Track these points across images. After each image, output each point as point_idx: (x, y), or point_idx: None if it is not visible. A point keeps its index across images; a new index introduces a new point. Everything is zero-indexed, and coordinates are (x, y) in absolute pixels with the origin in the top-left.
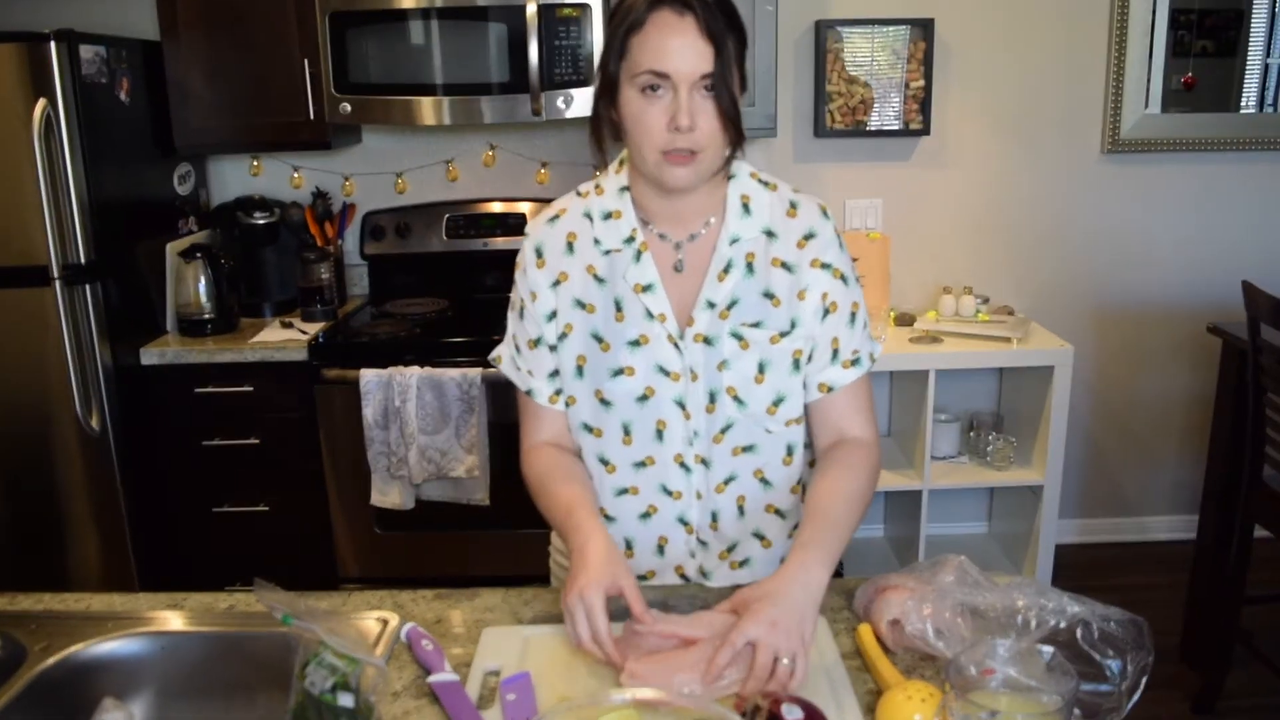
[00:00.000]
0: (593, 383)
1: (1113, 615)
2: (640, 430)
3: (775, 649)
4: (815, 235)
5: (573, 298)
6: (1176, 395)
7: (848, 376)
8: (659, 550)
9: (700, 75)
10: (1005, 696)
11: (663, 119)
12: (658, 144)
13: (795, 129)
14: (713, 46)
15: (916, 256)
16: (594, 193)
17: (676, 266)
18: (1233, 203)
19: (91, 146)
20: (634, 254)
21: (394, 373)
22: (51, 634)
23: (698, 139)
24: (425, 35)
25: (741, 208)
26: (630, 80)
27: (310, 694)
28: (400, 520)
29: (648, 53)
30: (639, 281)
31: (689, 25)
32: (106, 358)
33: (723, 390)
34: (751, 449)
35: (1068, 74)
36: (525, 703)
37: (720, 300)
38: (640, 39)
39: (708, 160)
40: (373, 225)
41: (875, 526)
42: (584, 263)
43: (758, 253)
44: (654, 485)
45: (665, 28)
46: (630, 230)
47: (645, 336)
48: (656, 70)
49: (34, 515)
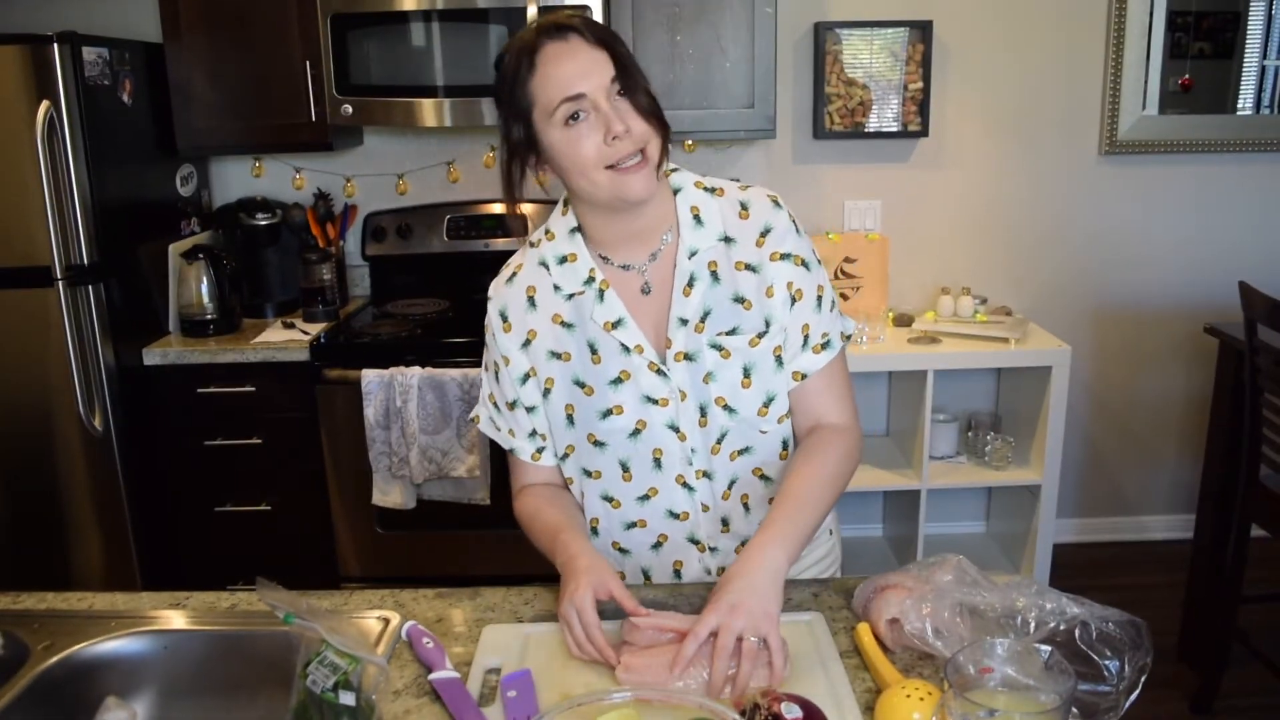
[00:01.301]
0: (584, 428)
1: (1111, 616)
2: (638, 464)
3: (737, 630)
4: (771, 229)
5: (546, 351)
6: (1174, 395)
7: (820, 361)
8: (676, 575)
9: (610, 80)
10: (1003, 695)
11: (596, 137)
12: (600, 161)
13: (794, 130)
14: (606, 52)
15: (915, 257)
16: (545, 239)
17: (644, 289)
18: (1230, 204)
19: (94, 148)
20: (597, 294)
21: (395, 373)
22: (54, 633)
23: (636, 139)
24: (426, 37)
25: (693, 220)
26: (549, 123)
27: (312, 692)
28: (401, 520)
29: (553, 86)
30: (607, 319)
31: (576, 43)
32: (109, 358)
33: (712, 402)
34: (748, 450)
35: (1066, 75)
36: (526, 700)
37: (691, 315)
38: (539, 80)
39: (653, 158)
40: (374, 226)
41: (874, 526)
42: (548, 314)
43: (719, 260)
44: (660, 513)
45: (557, 57)
46: (588, 270)
47: (626, 372)
48: (569, 96)
49: (37, 515)
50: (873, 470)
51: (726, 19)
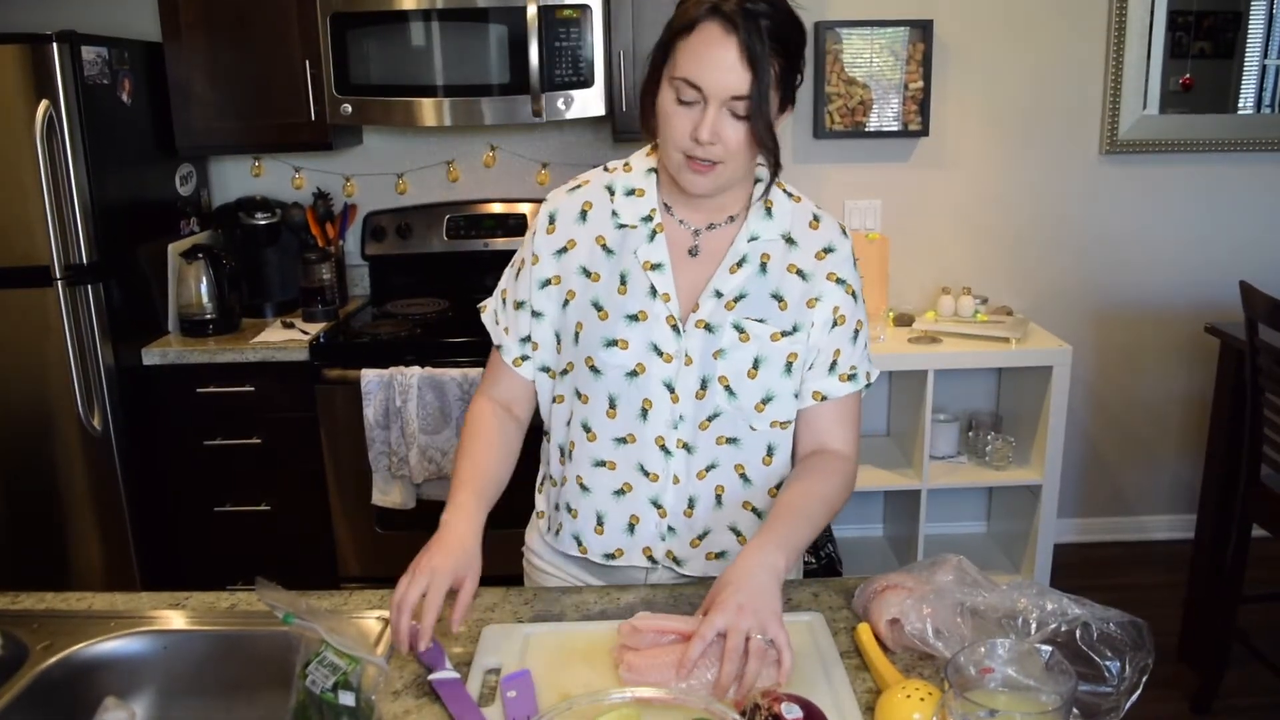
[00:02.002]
0: (586, 349)
1: (1113, 617)
2: (625, 406)
3: (745, 630)
4: (834, 250)
5: (579, 265)
6: (1174, 395)
7: (842, 389)
8: (629, 529)
9: (731, 95)
10: (1004, 695)
11: (688, 126)
12: (681, 147)
13: (795, 130)
14: (751, 71)
15: (915, 257)
16: (621, 169)
17: (692, 251)
18: (1231, 203)
19: (93, 148)
20: (649, 233)
21: (395, 373)
22: (54, 633)
23: (717, 153)
24: (426, 37)
25: (765, 210)
26: (669, 80)
27: (311, 693)
28: (401, 520)
29: (687, 60)
30: (649, 259)
31: (731, 44)
32: (108, 358)
33: (715, 378)
34: (735, 442)
35: (1066, 75)
36: (526, 700)
37: (728, 291)
38: (685, 44)
39: (728, 173)
40: (374, 226)
41: (874, 526)
42: (594, 233)
43: (774, 255)
44: (632, 463)
45: (709, 40)
46: (650, 210)
47: (644, 313)
48: (690, 80)
49: (36, 515)
50: (873, 470)
51: None
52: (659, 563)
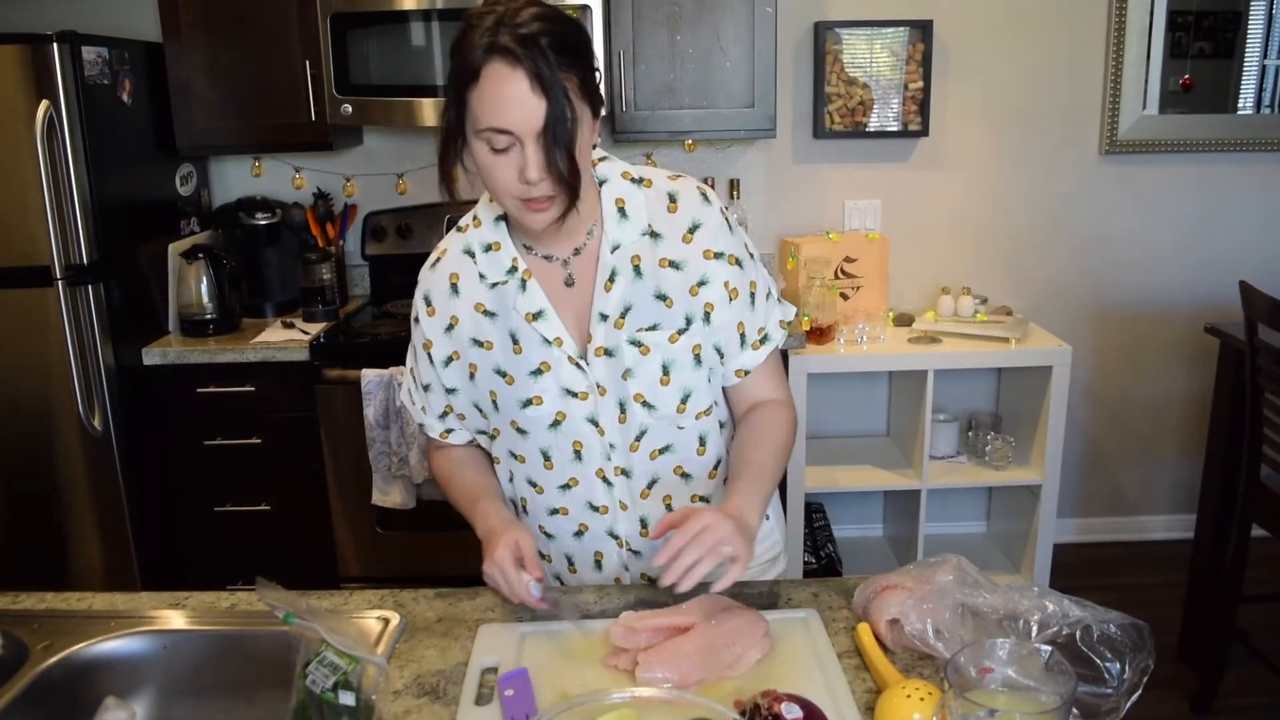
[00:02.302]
0: (506, 414)
1: (1114, 619)
2: (559, 454)
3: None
4: (700, 225)
5: (468, 338)
6: (1174, 395)
7: (759, 356)
8: (596, 565)
9: (541, 128)
10: (1003, 696)
11: (512, 173)
12: (514, 194)
13: (794, 130)
14: (545, 99)
15: (915, 257)
16: (472, 225)
17: (567, 281)
18: (1230, 203)
19: (94, 148)
20: (519, 284)
21: (395, 373)
22: (54, 633)
23: (548, 187)
24: (426, 36)
25: (618, 213)
26: (475, 135)
27: (312, 692)
28: (401, 520)
29: (486, 109)
30: (529, 310)
31: (520, 78)
32: (109, 358)
33: (631, 399)
34: (668, 449)
35: (1066, 75)
36: (523, 699)
37: (612, 310)
38: (477, 94)
39: (569, 193)
40: (374, 226)
41: (874, 526)
42: (471, 301)
43: (643, 254)
44: (580, 504)
45: (498, 80)
46: (511, 260)
47: (546, 364)
48: (497, 128)
49: (36, 515)
50: (873, 470)
51: (727, 19)
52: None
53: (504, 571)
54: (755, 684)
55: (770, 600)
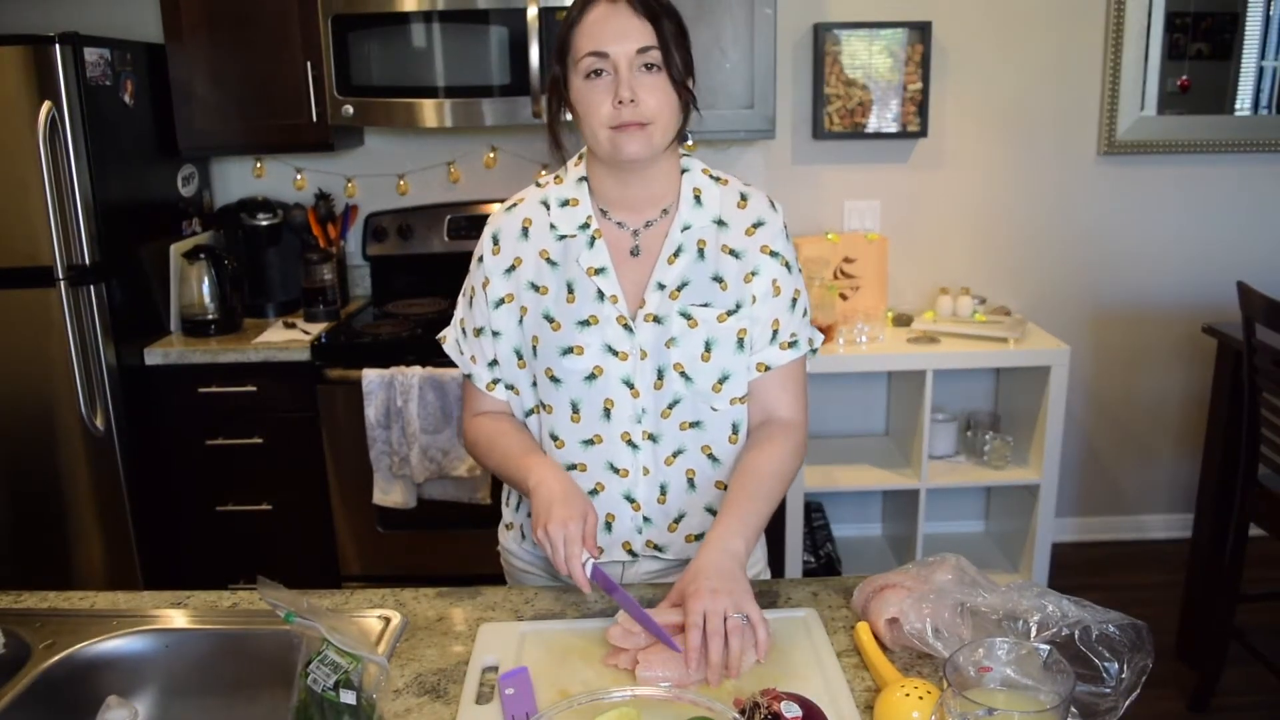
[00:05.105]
0: (544, 361)
1: (1113, 619)
2: (588, 409)
3: (722, 611)
4: (764, 224)
5: (526, 281)
6: (1172, 395)
7: (784, 357)
8: (607, 527)
9: (637, 51)
10: (1002, 694)
11: (607, 97)
12: (606, 121)
13: (794, 131)
14: (649, 22)
15: (914, 257)
16: (553, 182)
17: (633, 251)
18: (1228, 204)
19: (96, 148)
20: (588, 240)
21: (396, 373)
22: (56, 632)
23: (643, 112)
24: (427, 38)
25: (694, 199)
26: (576, 71)
27: (313, 691)
28: (402, 519)
29: (585, 39)
30: (592, 265)
31: (621, 8)
32: (111, 358)
33: (670, 367)
34: (698, 425)
35: (1064, 76)
36: (524, 697)
37: (670, 282)
38: (579, 31)
39: (659, 132)
40: (375, 226)
41: (873, 525)
42: (538, 247)
43: (709, 240)
44: (601, 463)
45: (600, 15)
46: (585, 217)
47: (595, 317)
48: (594, 51)
49: (39, 514)
50: (872, 470)
51: (726, 19)
52: (639, 555)
53: (570, 543)
54: (755, 683)
55: (769, 600)
